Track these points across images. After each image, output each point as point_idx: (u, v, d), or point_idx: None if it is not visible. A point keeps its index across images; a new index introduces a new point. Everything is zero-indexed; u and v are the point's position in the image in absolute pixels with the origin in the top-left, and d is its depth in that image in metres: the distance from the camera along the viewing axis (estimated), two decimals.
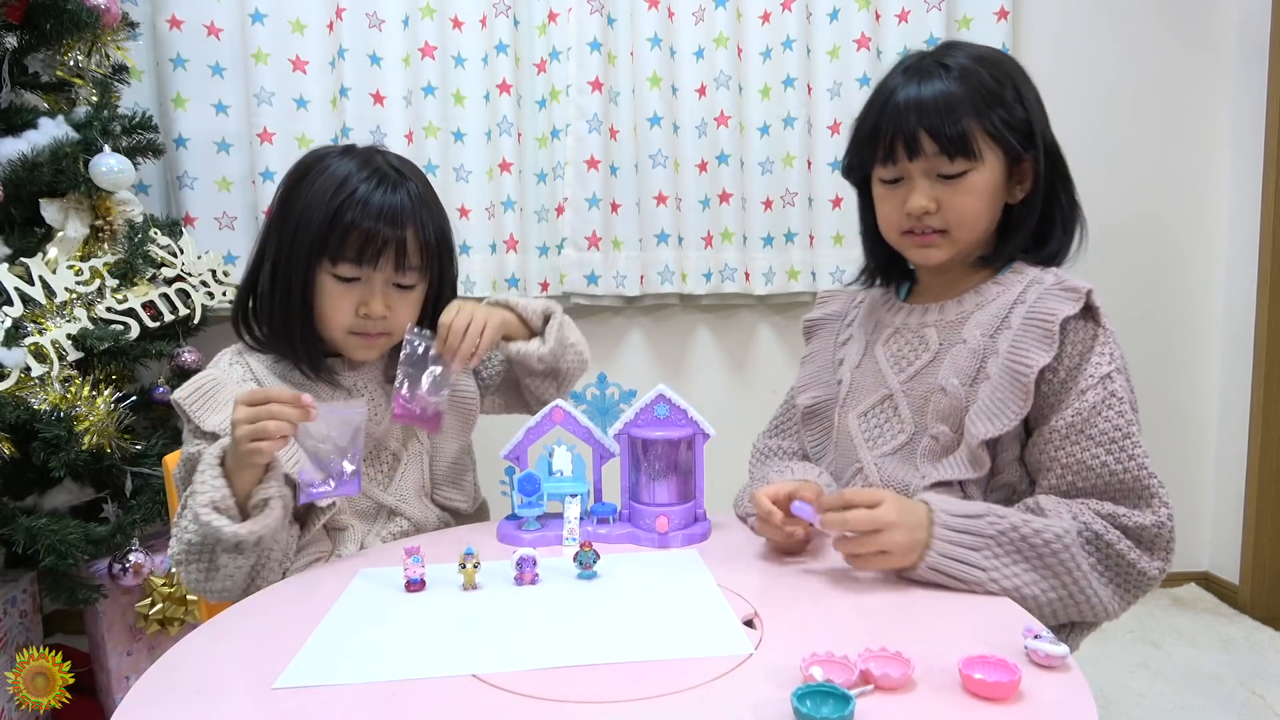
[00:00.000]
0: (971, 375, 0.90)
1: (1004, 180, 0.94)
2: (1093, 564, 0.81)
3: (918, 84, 0.91)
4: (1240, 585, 2.07)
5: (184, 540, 0.87)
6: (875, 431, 0.98)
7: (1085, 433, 0.84)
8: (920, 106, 0.90)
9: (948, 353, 0.94)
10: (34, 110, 1.52)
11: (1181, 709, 1.59)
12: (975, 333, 0.92)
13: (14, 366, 1.34)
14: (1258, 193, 2.01)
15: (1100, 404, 0.84)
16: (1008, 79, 0.92)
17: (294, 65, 1.86)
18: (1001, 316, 0.91)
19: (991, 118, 0.90)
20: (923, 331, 0.98)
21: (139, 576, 1.44)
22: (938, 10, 1.93)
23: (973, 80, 0.90)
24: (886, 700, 0.54)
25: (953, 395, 0.90)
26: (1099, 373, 0.84)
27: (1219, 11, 2.05)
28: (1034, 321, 0.87)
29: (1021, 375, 0.85)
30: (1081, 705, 0.56)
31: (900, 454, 0.94)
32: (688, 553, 0.88)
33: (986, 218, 0.94)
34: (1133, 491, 0.83)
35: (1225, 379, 2.14)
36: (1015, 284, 0.93)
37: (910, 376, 0.96)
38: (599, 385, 1.00)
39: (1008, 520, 0.78)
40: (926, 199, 0.92)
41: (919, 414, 0.94)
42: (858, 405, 1.01)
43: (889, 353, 1.00)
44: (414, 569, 0.78)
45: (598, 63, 1.90)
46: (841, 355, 1.09)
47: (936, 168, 0.92)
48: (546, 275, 2.00)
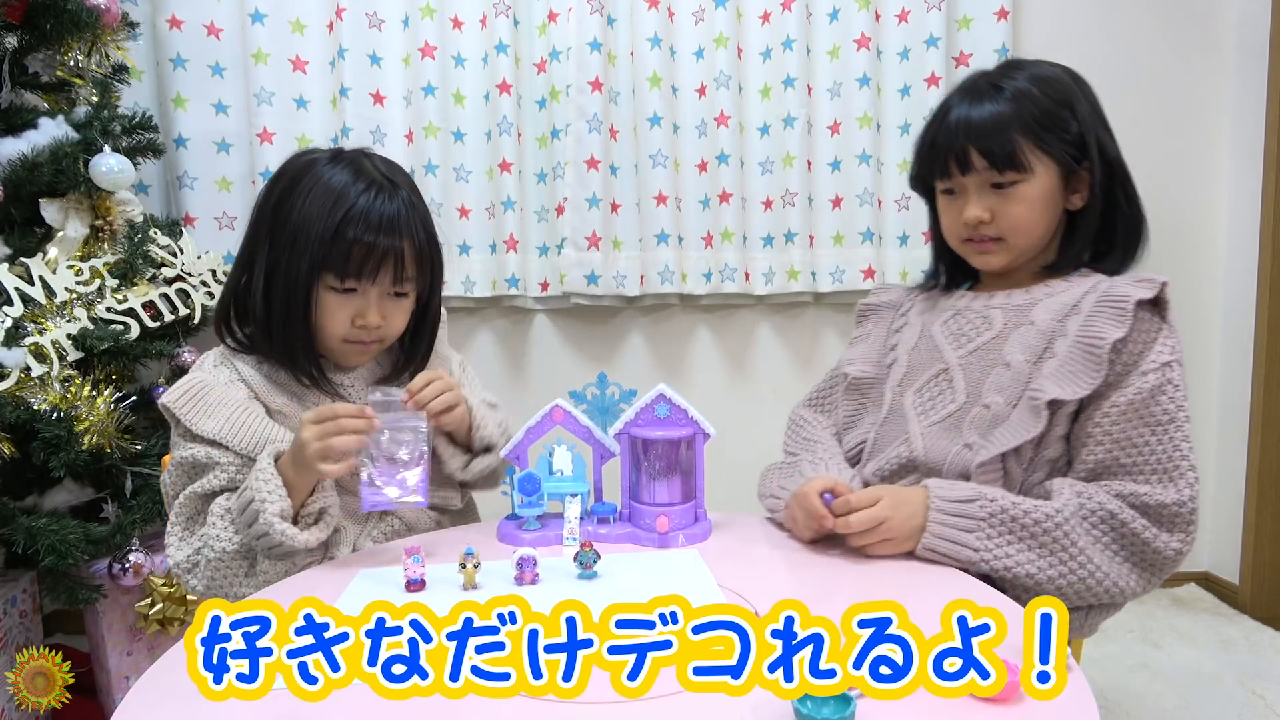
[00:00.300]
0: (1038, 354, 0.94)
1: (1059, 189, 0.99)
2: (1101, 543, 0.84)
3: (969, 104, 0.98)
4: (1240, 585, 2.07)
5: (216, 548, 0.88)
6: (928, 405, 1.01)
7: (1139, 413, 0.88)
8: (969, 126, 0.97)
9: (1014, 331, 0.97)
10: (34, 110, 1.52)
11: (1181, 709, 1.59)
12: (1044, 316, 0.96)
13: (14, 366, 1.34)
14: (1258, 193, 2.01)
15: (1158, 389, 0.88)
16: (1062, 97, 0.97)
17: (294, 65, 1.86)
18: (1072, 304, 0.95)
19: (1041, 134, 0.95)
20: (987, 313, 1.02)
21: (139, 576, 1.44)
22: (938, 10, 1.93)
23: (1024, 100, 0.96)
24: (886, 701, 0.54)
25: (1016, 370, 0.94)
26: (1160, 359, 0.89)
27: (1219, 11, 2.05)
28: (1108, 301, 0.91)
29: (1095, 348, 0.88)
30: (1081, 705, 0.56)
31: (947, 423, 0.97)
32: (688, 552, 0.88)
33: (1041, 225, 0.99)
34: (1164, 470, 0.87)
35: (1225, 379, 2.14)
36: (1085, 282, 0.97)
37: (970, 351, 1.00)
38: (599, 385, 1.00)
39: (997, 503, 0.84)
40: (980, 209, 0.99)
41: (974, 386, 0.97)
42: (914, 383, 1.04)
43: (947, 331, 1.04)
44: (414, 569, 0.79)
45: (598, 63, 1.89)
46: (894, 340, 1.12)
47: (988, 180, 0.98)
48: (546, 275, 2.00)
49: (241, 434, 0.93)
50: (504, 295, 2.00)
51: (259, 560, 0.89)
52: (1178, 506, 0.86)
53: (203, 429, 0.92)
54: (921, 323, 1.09)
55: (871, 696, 0.53)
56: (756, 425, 2.06)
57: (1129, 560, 0.86)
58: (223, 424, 0.93)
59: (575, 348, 2.09)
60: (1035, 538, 0.83)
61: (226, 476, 0.93)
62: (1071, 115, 0.97)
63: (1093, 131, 0.98)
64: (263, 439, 0.94)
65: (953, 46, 1.98)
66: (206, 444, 0.93)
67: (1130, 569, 0.86)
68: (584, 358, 2.09)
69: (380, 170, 0.98)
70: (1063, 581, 0.83)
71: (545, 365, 2.08)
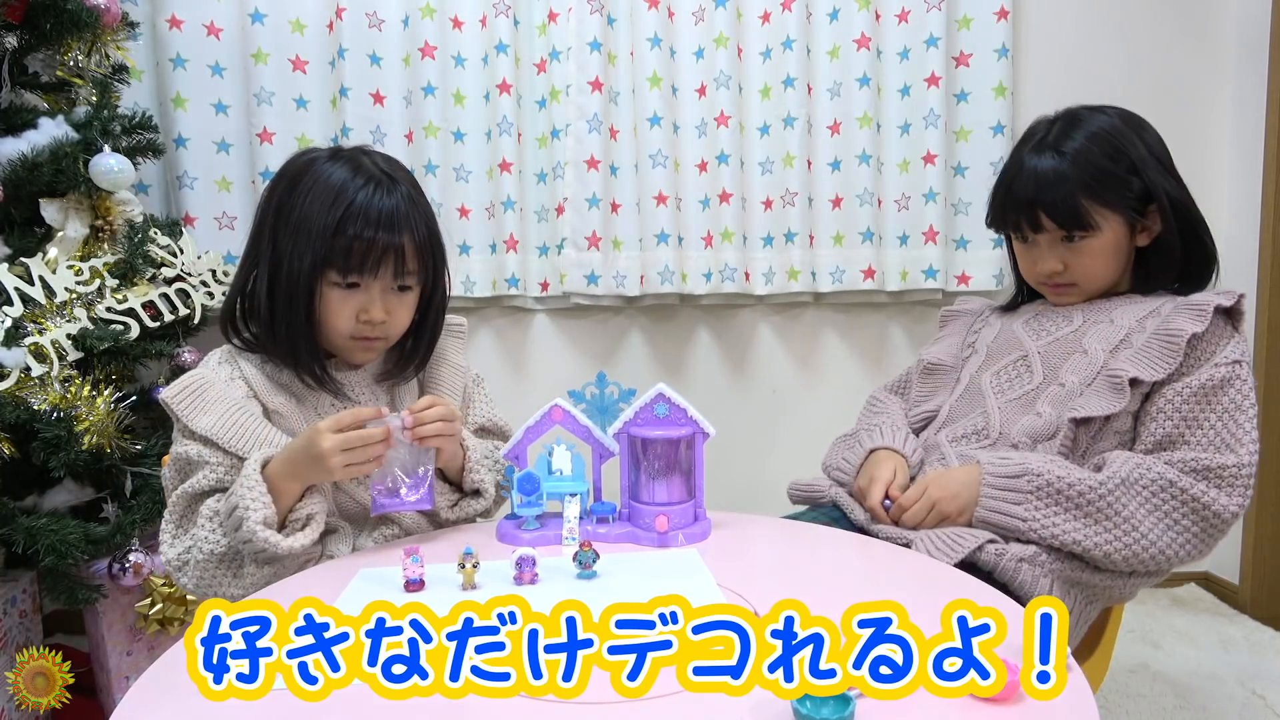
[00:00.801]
0: (1114, 344, 1.01)
1: (1126, 236, 1.07)
2: (1153, 508, 0.90)
3: (1036, 166, 1.06)
4: (1240, 585, 2.07)
5: (205, 550, 0.89)
6: (1006, 385, 1.09)
7: (1208, 397, 0.94)
8: (1038, 189, 1.05)
9: (1093, 327, 1.05)
10: (34, 110, 1.52)
11: (1181, 709, 1.59)
12: (1124, 317, 1.03)
13: (14, 366, 1.34)
14: (1258, 193, 2.01)
15: (1227, 380, 0.94)
16: (1119, 152, 1.04)
17: (294, 65, 1.86)
18: (1151, 310, 1.02)
19: (1103, 194, 1.03)
20: (1069, 313, 1.11)
21: (139, 576, 1.44)
22: (938, 10, 1.93)
23: (1083, 161, 1.03)
24: (886, 701, 0.54)
25: (1093, 356, 1.01)
26: (1232, 357, 0.96)
27: (1219, 11, 2.05)
28: (1187, 304, 0.98)
29: (1174, 337, 0.94)
30: (1081, 705, 0.56)
31: (1023, 399, 1.05)
32: (687, 552, 0.88)
33: (1112, 269, 1.08)
34: (1224, 443, 0.93)
35: None
36: (1165, 297, 1.05)
37: (1049, 341, 1.08)
38: (599, 384, 1.00)
39: (1043, 477, 0.91)
40: (1053, 262, 1.08)
41: (1051, 369, 1.05)
42: (991, 366, 1.12)
43: (1028, 327, 1.13)
44: (413, 569, 0.78)
45: (598, 63, 1.89)
46: (973, 339, 1.21)
47: (1058, 235, 1.06)
48: (546, 275, 2.00)
49: (233, 433, 0.93)
50: (504, 295, 2.00)
51: (245, 563, 0.89)
52: (1236, 468, 0.91)
53: (197, 425, 0.92)
54: (1002, 323, 1.19)
55: (871, 696, 0.53)
56: (756, 425, 2.05)
57: (1181, 524, 0.91)
58: (216, 421, 0.93)
59: (575, 347, 2.09)
60: (1080, 508, 0.89)
61: (215, 477, 0.93)
62: (1131, 170, 1.04)
63: (1157, 181, 1.04)
64: (255, 439, 0.94)
65: (953, 46, 1.98)
66: (199, 442, 0.93)
67: (1181, 533, 0.91)
68: (584, 357, 2.09)
69: (379, 166, 0.98)
70: (1109, 548, 0.88)
71: (545, 365, 2.08)
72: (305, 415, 1.00)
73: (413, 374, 1.08)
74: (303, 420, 1.00)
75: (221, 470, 0.93)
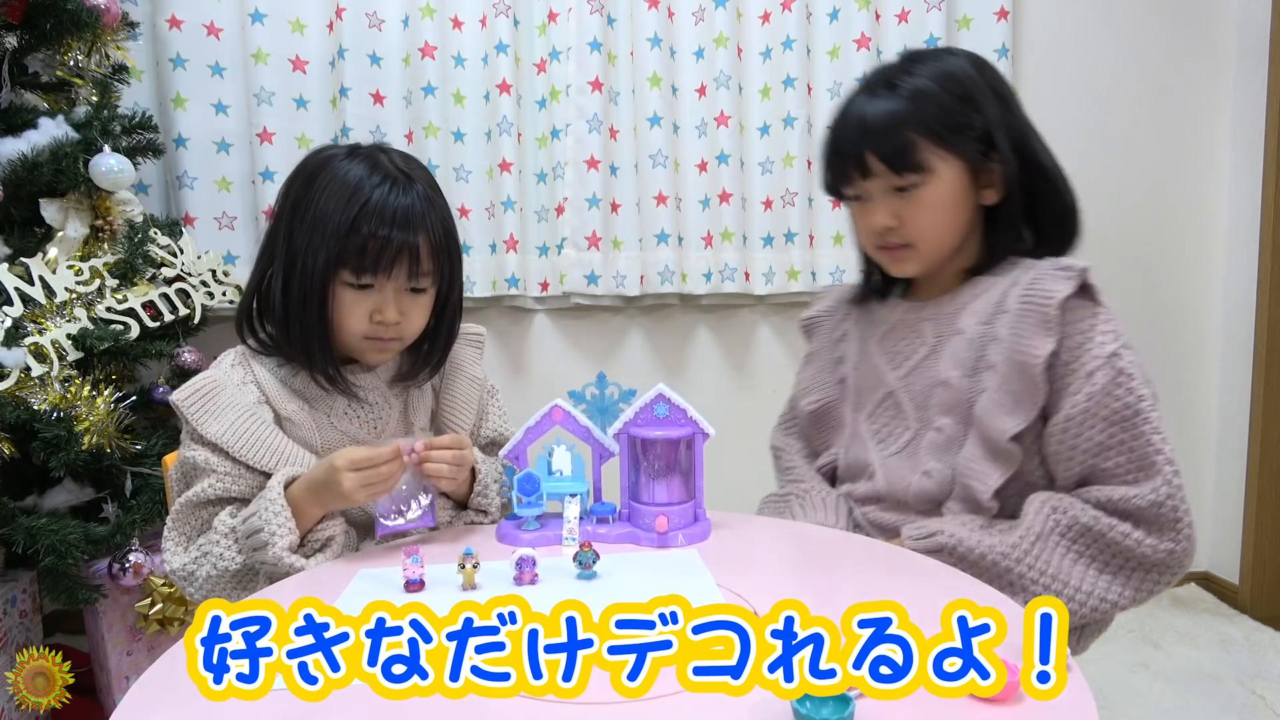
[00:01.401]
0: (972, 364, 0.90)
1: (967, 187, 0.92)
2: (1080, 558, 0.82)
3: (864, 105, 0.93)
4: (1240, 585, 2.07)
5: (219, 566, 0.89)
6: (884, 431, 0.99)
7: (1098, 414, 0.83)
8: (864, 127, 0.92)
9: (945, 344, 0.94)
10: (34, 110, 1.52)
11: (1181, 709, 1.59)
12: (971, 321, 0.92)
13: (14, 366, 1.34)
14: (1258, 193, 2.01)
15: (1110, 384, 0.83)
16: (964, 91, 0.90)
17: (294, 65, 1.86)
18: (997, 302, 0.90)
19: (940, 133, 0.89)
20: (918, 326, 0.98)
21: (139, 576, 1.44)
22: (938, 10, 1.93)
23: (920, 97, 0.89)
24: (886, 701, 0.54)
25: (956, 388, 0.90)
26: (1104, 352, 0.83)
27: (1219, 11, 2.05)
28: (1031, 305, 0.86)
29: (1030, 368, 0.84)
30: (1081, 705, 0.56)
31: (905, 452, 0.95)
32: (687, 553, 0.88)
33: (950, 227, 0.94)
34: (1139, 468, 0.83)
35: (1225, 379, 2.14)
36: (1009, 271, 0.93)
37: (908, 372, 0.97)
38: (599, 385, 0.99)
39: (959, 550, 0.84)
40: (884, 215, 0.94)
41: (921, 409, 0.95)
42: (864, 406, 1.02)
43: (885, 349, 1.01)
44: (413, 569, 0.78)
45: (598, 63, 1.90)
46: (840, 353, 1.09)
47: (890, 184, 0.92)
48: (546, 275, 2.00)
49: (244, 441, 0.92)
50: (504, 295, 2.00)
51: (260, 580, 0.89)
52: (1156, 507, 0.81)
53: (207, 431, 0.91)
54: (860, 335, 1.07)
55: (871, 696, 0.53)
56: (756, 425, 2.05)
57: (1113, 570, 0.82)
58: (227, 428, 0.92)
59: (575, 348, 2.09)
60: (1001, 576, 0.82)
61: (222, 486, 0.92)
62: (974, 109, 0.90)
63: (1000, 123, 0.90)
64: (265, 448, 0.93)
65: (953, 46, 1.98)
66: (208, 448, 0.92)
67: (1114, 579, 0.82)
68: (584, 357, 2.09)
69: (396, 164, 0.97)
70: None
71: (545, 365, 2.08)
72: (318, 422, 0.99)
73: (426, 378, 1.06)
74: (315, 429, 0.98)
75: (229, 480, 0.92)
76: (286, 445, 0.95)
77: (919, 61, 0.93)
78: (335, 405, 0.99)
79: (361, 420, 1.00)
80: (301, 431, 0.97)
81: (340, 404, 1.00)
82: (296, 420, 0.97)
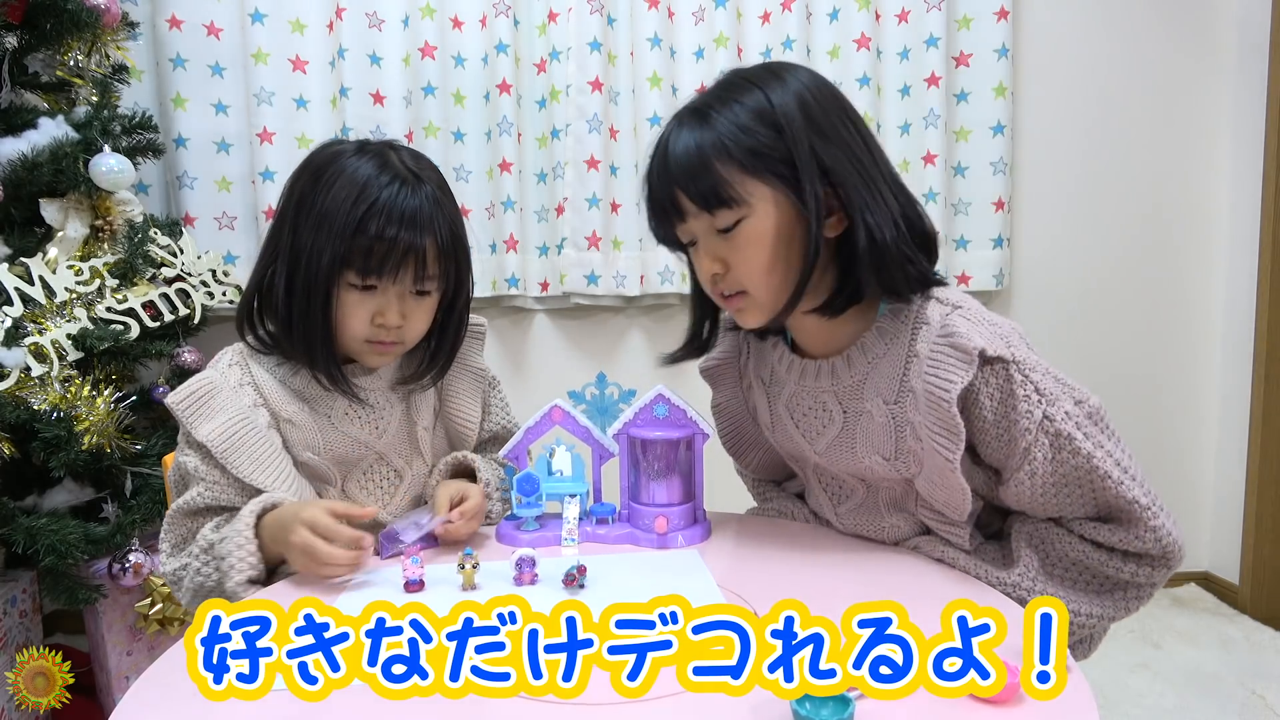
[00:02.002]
0: (893, 448, 0.84)
1: (794, 220, 0.79)
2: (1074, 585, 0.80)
3: (673, 139, 0.82)
4: (1240, 585, 2.07)
5: (196, 581, 0.89)
6: (833, 490, 0.95)
7: (1052, 484, 0.78)
8: (670, 166, 0.81)
9: (856, 425, 0.86)
10: (34, 110, 1.52)
11: (1181, 709, 1.59)
12: (878, 403, 0.83)
13: (14, 366, 1.34)
14: (1258, 193, 2.01)
15: (1051, 453, 0.76)
16: (771, 116, 0.78)
17: (294, 65, 1.86)
18: (898, 379, 0.81)
19: (743, 160, 0.78)
20: (821, 398, 0.89)
21: (139, 576, 1.44)
22: (938, 10, 1.93)
23: (723, 125, 0.79)
24: (886, 701, 0.54)
25: (883, 473, 0.86)
26: (1033, 423, 0.75)
27: (1219, 11, 2.05)
28: (932, 400, 0.76)
29: (950, 464, 0.77)
30: (1081, 705, 0.56)
31: (862, 509, 0.93)
32: (687, 553, 0.88)
33: (780, 268, 0.80)
34: (1113, 516, 0.79)
35: (1225, 379, 2.14)
36: (899, 333, 0.82)
37: (826, 447, 0.90)
38: (598, 385, 1.00)
39: None
40: (710, 260, 0.82)
41: (858, 474, 0.90)
42: (803, 467, 0.97)
43: (795, 418, 0.92)
44: (413, 570, 0.78)
45: (598, 63, 1.90)
46: (752, 403, 1.01)
47: (709, 224, 0.81)
48: (546, 275, 2.00)
49: (231, 445, 0.90)
50: (504, 295, 2.00)
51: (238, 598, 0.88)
52: (1143, 547, 0.78)
53: (199, 433, 0.90)
54: (764, 390, 0.96)
55: (872, 696, 0.53)
56: None
57: (1107, 591, 0.80)
58: (217, 431, 0.90)
59: (575, 348, 2.09)
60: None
61: (211, 495, 0.91)
62: (778, 134, 0.78)
63: (804, 142, 0.77)
64: (252, 459, 0.91)
65: (953, 46, 1.98)
66: (198, 455, 0.91)
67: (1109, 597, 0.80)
68: (584, 358, 2.09)
69: (406, 164, 0.94)
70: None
71: (545, 365, 2.08)
72: (319, 423, 0.97)
73: (430, 384, 1.04)
74: (317, 430, 0.96)
75: (218, 489, 0.91)
76: (276, 457, 0.93)
77: (732, 87, 0.83)
78: (336, 406, 0.98)
79: (363, 421, 0.99)
80: (303, 433, 0.96)
81: (341, 404, 0.98)
82: (297, 421, 0.95)
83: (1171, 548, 0.78)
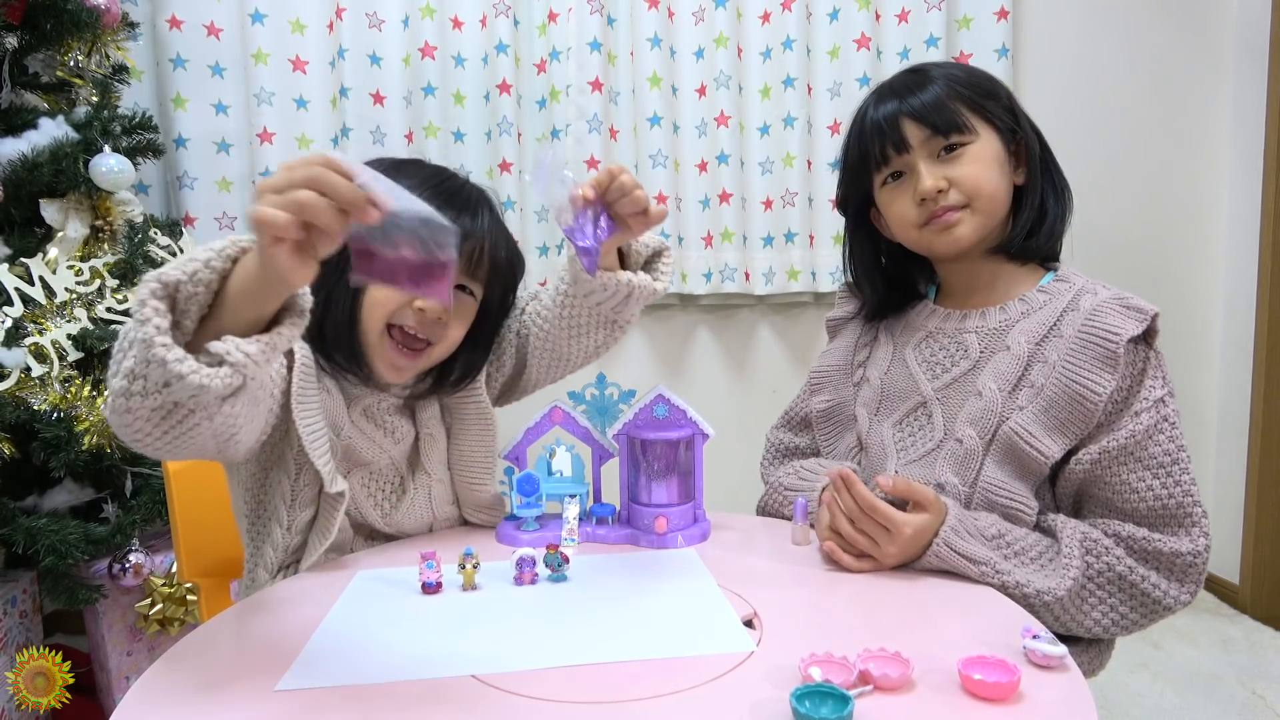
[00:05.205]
0: (1012, 381, 0.89)
1: (1005, 159, 0.94)
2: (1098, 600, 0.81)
3: (896, 98, 0.94)
4: (1240, 585, 2.07)
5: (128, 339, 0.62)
6: (908, 440, 0.97)
7: (1136, 456, 0.83)
8: (900, 107, 0.93)
9: (989, 360, 0.92)
10: (34, 110, 1.52)
11: (1181, 709, 1.59)
12: (1020, 339, 0.90)
13: (14, 366, 1.34)
14: (1258, 193, 2.01)
15: (1153, 428, 0.83)
16: (986, 77, 0.96)
17: (294, 65, 1.86)
18: (1049, 324, 0.89)
19: (977, 100, 0.92)
20: (962, 338, 0.96)
21: (139, 576, 1.44)
22: (938, 10, 1.93)
23: (950, 78, 0.93)
24: (886, 701, 0.54)
25: (989, 400, 0.89)
26: (1153, 396, 0.83)
27: (1219, 11, 2.05)
28: (1094, 338, 0.84)
29: (1087, 400, 0.82)
30: (1081, 705, 0.56)
31: (923, 461, 0.94)
32: (687, 553, 0.88)
33: (1001, 186, 0.93)
34: (1174, 519, 0.83)
35: (1225, 379, 2.14)
36: (1064, 292, 0.92)
37: (946, 384, 0.95)
38: (598, 385, 1.00)
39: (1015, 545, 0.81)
40: (934, 178, 0.91)
41: (950, 420, 0.93)
42: (891, 414, 0.99)
43: (922, 358, 0.99)
44: (429, 574, 0.78)
45: (598, 63, 1.90)
46: (862, 357, 1.07)
47: (934, 149, 0.92)
48: (546, 275, 2.00)
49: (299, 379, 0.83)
50: None
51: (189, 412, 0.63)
52: (1192, 557, 0.81)
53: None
54: (893, 343, 1.03)
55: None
56: (756, 425, 2.05)
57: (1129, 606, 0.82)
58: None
59: None
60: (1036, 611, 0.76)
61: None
62: (995, 91, 0.95)
63: (1020, 109, 0.96)
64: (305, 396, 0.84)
65: (953, 46, 1.98)
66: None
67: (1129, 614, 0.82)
68: None
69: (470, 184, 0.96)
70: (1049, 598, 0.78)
71: None
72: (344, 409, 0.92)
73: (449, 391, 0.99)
74: (344, 411, 0.91)
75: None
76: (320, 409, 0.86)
77: (931, 64, 0.99)
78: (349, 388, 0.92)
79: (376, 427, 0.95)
80: (334, 404, 0.90)
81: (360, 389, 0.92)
82: (332, 392, 0.90)
83: (1204, 570, 0.83)
